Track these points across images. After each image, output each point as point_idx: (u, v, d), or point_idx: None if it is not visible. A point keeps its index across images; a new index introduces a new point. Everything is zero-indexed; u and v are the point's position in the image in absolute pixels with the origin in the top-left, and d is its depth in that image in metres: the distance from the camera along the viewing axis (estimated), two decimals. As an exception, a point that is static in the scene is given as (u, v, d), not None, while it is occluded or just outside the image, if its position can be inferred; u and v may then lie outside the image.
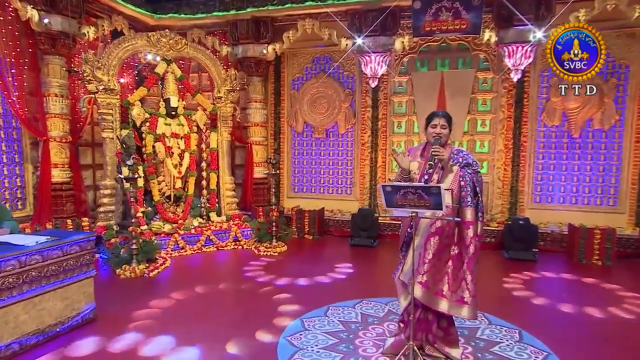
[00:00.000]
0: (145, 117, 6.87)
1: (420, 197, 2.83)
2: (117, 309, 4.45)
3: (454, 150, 3.16)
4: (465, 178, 3.01)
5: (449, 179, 3.04)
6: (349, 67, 8.23)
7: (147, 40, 6.86)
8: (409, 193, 2.85)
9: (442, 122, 3.16)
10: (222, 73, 7.62)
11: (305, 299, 4.65)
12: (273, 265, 6.03)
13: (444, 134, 3.15)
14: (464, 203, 3.00)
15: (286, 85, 8.60)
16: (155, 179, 6.97)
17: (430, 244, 3.02)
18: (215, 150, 7.65)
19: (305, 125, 8.57)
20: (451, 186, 3.00)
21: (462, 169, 3.04)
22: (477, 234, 3.04)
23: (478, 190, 3.04)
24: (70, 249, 3.96)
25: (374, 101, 8.05)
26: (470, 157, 3.11)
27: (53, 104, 6.51)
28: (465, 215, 3.01)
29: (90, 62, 6.36)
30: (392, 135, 8.08)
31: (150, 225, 6.70)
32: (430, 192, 2.78)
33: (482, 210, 3.08)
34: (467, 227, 3.01)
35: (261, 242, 6.88)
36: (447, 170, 3.05)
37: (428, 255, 3.02)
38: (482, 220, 3.07)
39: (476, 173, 3.07)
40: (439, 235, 3.02)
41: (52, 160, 6.55)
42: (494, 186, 7.60)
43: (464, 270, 3.05)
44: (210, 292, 4.97)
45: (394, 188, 2.88)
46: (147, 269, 5.56)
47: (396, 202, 2.93)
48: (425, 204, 2.84)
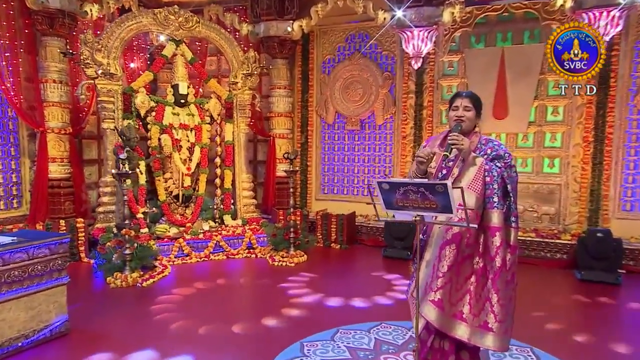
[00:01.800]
0: (151, 106, 6.89)
1: (424, 197, 2.54)
2: (95, 322, 4.38)
3: (482, 139, 2.89)
4: (492, 173, 2.72)
5: (469, 174, 2.76)
6: (389, 45, 7.89)
7: (153, 18, 6.85)
8: (410, 191, 2.58)
9: (465, 102, 2.90)
10: (240, 55, 7.50)
11: (311, 320, 4.35)
12: (284, 277, 5.82)
13: (468, 118, 2.88)
14: (489, 204, 2.72)
15: (315, 69, 8.39)
16: (161, 175, 6.95)
17: (445, 254, 2.76)
18: (230, 144, 7.56)
19: (337, 115, 8.32)
20: (472, 183, 2.72)
21: (489, 162, 2.78)
22: (510, 244, 2.76)
23: (510, 188, 2.75)
24: (37, 252, 3.90)
25: (418, 86, 7.67)
26: (503, 148, 2.85)
27: (51, 91, 6.63)
28: (490, 219, 2.72)
29: (89, 43, 6.43)
30: (439, 127, 7.67)
31: (154, 228, 6.67)
32: (435, 191, 2.49)
33: (515, 214, 2.79)
34: (492, 234, 2.70)
35: (277, 251, 6.67)
36: (467, 164, 2.77)
37: (442, 267, 2.75)
38: (515, 227, 2.79)
39: (509, 167, 2.79)
40: (457, 243, 2.74)
41: (50, 153, 6.67)
42: (568, 190, 6.97)
43: (489, 289, 2.74)
44: (201, 307, 4.79)
45: (391, 185, 2.63)
46: (140, 278, 5.49)
47: (396, 202, 2.66)
48: (432, 206, 2.55)
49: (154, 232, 6.60)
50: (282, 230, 6.69)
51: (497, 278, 2.71)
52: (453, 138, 2.75)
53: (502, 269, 2.70)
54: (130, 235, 5.57)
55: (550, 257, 6.61)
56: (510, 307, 2.81)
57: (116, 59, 6.66)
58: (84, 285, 5.57)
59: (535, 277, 5.97)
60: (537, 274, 6.13)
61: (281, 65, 8.13)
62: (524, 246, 6.66)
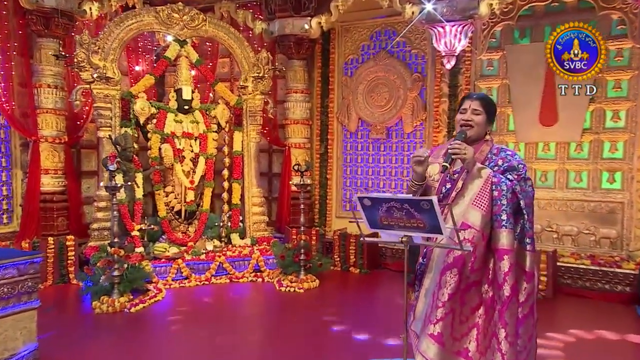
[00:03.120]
0: (151, 113, 6.93)
1: (410, 215, 2.51)
2: (68, 352, 4.32)
3: (493, 148, 2.86)
4: (501, 187, 2.65)
5: (474, 187, 2.70)
6: (419, 43, 7.70)
7: (155, 17, 6.91)
8: (393, 209, 2.56)
9: (474, 105, 2.85)
10: (251, 56, 7.47)
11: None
12: (289, 305, 5.67)
13: (477, 123, 2.84)
14: (497, 223, 2.64)
15: (336, 71, 8.29)
16: (162, 189, 6.95)
17: (445, 280, 2.68)
18: (239, 154, 7.52)
19: (360, 122, 8.18)
20: (477, 198, 2.67)
21: (498, 174, 2.72)
22: (526, 270, 2.70)
23: (523, 204, 2.67)
24: (4, 273, 3.87)
25: (452, 88, 7.42)
26: (517, 158, 2.80)
27: (45, 96, 6.73)
28: (497, 240, 2.64)
29: (85, 44, 6.51)
30: (476, 135, 7.33)
31: (152, 247, 6.65)
32: (421, 208, 2.46)
33: (530, 234, 2.70)
34: (500, 257, 2.62)
35: (286, 275, 6.52)
36: (472, 176, 2.71)
37: (443, 296, 2.67)
38: (531, 249, 2.71)
39: (524, 181, 2.74)
40: (459, 268, 2.66)
41: (43, 164, 6.76)
42: (632, 209, 6.55)
43: (495, 322, 2.65)
44: (190, 338, 4.67)
45: (373, 200, 2.62)
46: (129, 303, 5.44)
47: (380, 220, 2.64)
48: (419, 225, 2.52)
49: (152, 252, 6.57)
50: (292, 251, 6.54)
51: (505, 309, 2.60)
52: (455, 146, 2.68)
53: (512, 298, 2.61)
54: (119, 255, 5.53)
55: (608, 289, 6.17)
56: (527, 345, 2.69)
57: (114, 62, 6.72)
58: (67, 310, 5.57)
59: (589, 314, 5.62)
60: (592, 309, 5.77)
61: (298, 66, 8.06)
62: (576, 275, 6.30)
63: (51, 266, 6.31)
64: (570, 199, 6.85)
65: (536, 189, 6.63)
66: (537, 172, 7.02)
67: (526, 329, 2.69)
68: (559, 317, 5.61)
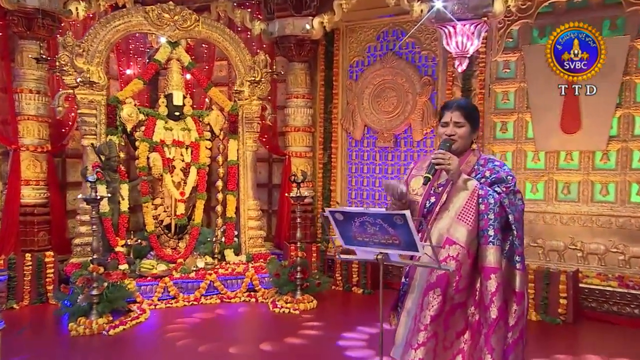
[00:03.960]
0: (140, 120, 6.88)
1: (384, 230, 2.53)
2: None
3: (480, 159, 2.87)
4: (488, 200, 2.65)
5: (459, 200, 2.71)
6: (429, 43, 7.58)
7: (144, 17, 6.87)
8: (367, 223, 2.58)
9: (455, 116, 2.84)
10: (247, 59, 7.41)
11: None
12: (281, 328, 5.60)
13: (460, 136, 2.84)
14: (483, 239, 2.65)
15: (341, 74, 8.19)
16: (150, 201, 6.89)
17: (428, 301, 2.67)
18: (234, 164, 7.44)
19: (366, 129, 8.08)
20: (462, 212, 2.67)
21: (485, 186, 2.73)
22: (516, 291, 2.70)
23: (512, 219, 2.66)
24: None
25: (465, 93, 7.26)
26: (505, 170, 2.81)
27: (27, 102, 6.69)
28: (484, 257, 2.65)
29: (68, 47, 6.48)
30: (492, 143, 7.22)
31: (139, 264, 6.56)
32: (394, 223, 2.47)
33: (519, 252, 2.69)
34: (486, 276, 2.64)
35: (282, 294, 6.40)
36: (457, 188, 2.73)
37: (425, 318, 2.65)
38: (521, 268, 2.70)
39: (513, 194, 2.74)
40: (442, 288, 2.65)
41: (23, 175, 6.70)
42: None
43: (481, 347, 2.64)
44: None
45: (346, 215, 2.65)
46: (108, 324, 5.35)
47: (354, 236, 2.68)
48: (394, 242, 2.55)
49: (138, 269, 6.48)
50: (288, 269, 6.42)
51: (491, 333, 2.59)
52: (438, 156, 2.68)
53: (500, 322, 2.60)
54: (98, 273, 5.45)
55: (638, 314, 5.95)
56: None
57: (100, 65, 6.68)
58: (42, 332, 5.50)
59: (614, 341, 5.42)
60: (618, 336, 5.56)
61: (299, 70, 7.97)
62: (602, 298, 6.05)
63: (28, 285, 6.22)
64: (596, 214, 6.62)
65: (558, 202, 6.65)
66: (558, 184, 6.82)
67: (516, 355, 2.67)
68: (579, 344, 5.42)
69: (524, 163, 7.04)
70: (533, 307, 6.05)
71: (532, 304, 6.06)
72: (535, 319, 5.98)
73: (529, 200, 6.94)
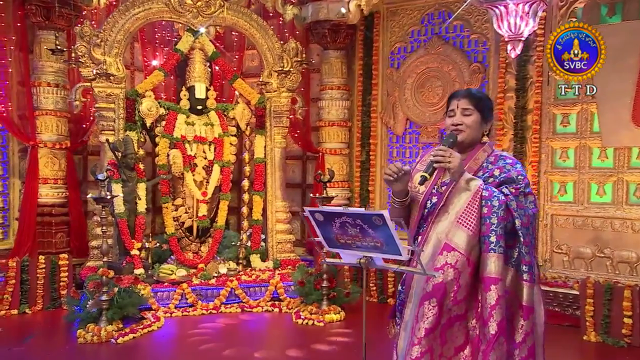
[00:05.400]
0: (160, 114, 7.05)
1: (364, 232, 2.53)
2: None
3: (491, 155, 2.85)
4: (492, 203, 2.62)
5: (460, 202, 2.69)
6: (479, 26, 7.39)
7: (165, 4, 7.02)
8: (347, 224, 2.57)
9: (463, 104, 2.82)
10: (276, 47, 7.49)
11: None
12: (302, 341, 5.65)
13: (469, 125, 2.81)
14: (485, 245, 2.62)
15: (381, 62, 8.09)
16: (170, 202, 7.05)
17: (423, 312, 2.64)
18: (261, 162, 7.52)
19: (409, 123, 7.97)
20: (463, 215, 2.66)
21: (491, 187, 2.70)
22: (523, 304, 2.67)
23: (518, 224, 2.63)
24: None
25: (519, 81, 7.08)
26: (517, 169, 2.77)
27: (45, 96, 6.97)
28: (485, 266, 2.62)
29: (86, 37, 6.74)
30: (550, 138, 6.97)
31: (158, 269, 6.76)
32: (374, 224, 2.47)
33: (527, 261, 2.66)
34: (486, 287, 2.60)
35: (307, 304, 6.43)
36: (458, 189, 2.70)
37: (419, 331, 2.64)
38: (529, 279, 2.67)
39: (523, 196, 2.71)
40: (438, 298, 2.61)
41: (41, 173, 6.99)
42: None
43: None
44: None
45: (326, 215, 2.64)
46: (117, 332, 5.52)
47: (336, 238, 2.67)
48: (376, 245, 2.55)
49: (157, 274, 6.67)
50: (314, 277, 6.45)
51: (489, 350, 2.55)
52: (438, 153, 2.64)
53: (500, 338, 2.56)
54: (108, 277, 5.65)
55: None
56: None
57: (119, 56, 6.87)
58: (50, 339, 5.73)
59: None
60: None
61: (334, 58, 7.97)
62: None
63: (41, 289, 6.46)
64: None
65: (630, 206, 6.39)
66: (630, 185, 6.49)
67: None
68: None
69: (589, 161, 6.75)
70: (593, 326, 5.82)
71: (592, 323, 5.82)
72: (594, 339, 5.74)
73: (594, 204, 6.71)
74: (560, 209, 6.95)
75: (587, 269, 6.65)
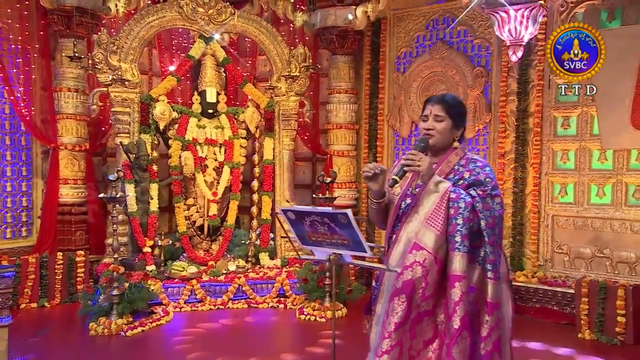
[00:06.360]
0: (173, 118, 7.17)
1: (332, 230, 2.68)
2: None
3: (463, 158, 2.88)
4: (459, 204, 2.68)
5: (428, 204, 2.74)
6: (482, 31, 7.39)
7: (178, 12, 7.16)
8: (316, 222, 2.72)
9: (436, 110, 2.85)
10: (285, 53, 7.56)
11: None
12: (305, 336, 5.67)
13: (439, 131, 2.85)
14: (451, 245, 2.69)
15: (387, 66, 8.14)
16: (182, 201, 7.17)
17: (393, 307, 2.68)
18: (270, 164, 7.60)
19: (414, 126, 7.95)
20: (431, 216, 2.71)
21: (459, 189, 2.75)
22: (487, 301, 2.71)
23: (484, 225, 2.67)
24: (-34, 288, 4.17)
25: (521, 85, 7.07)
26: (486, 171, 2.80)
27: (65, 101, 7.19)
28: (450, 264, 2.67)
29: (103, 44, 6.89)
30: (552, 141, 6.95)
31: (170, 265, 6.87)
32: (340, 223, 2.61)
33: (492, 260, 2.70)
34: (451, 284, 2.66)
35: (310, 301, 6.48)
36: (428, 190, 2.75)
37: (389, 325, 2.68)
38: (494, 277, 2.70)
39: (490, 197, 2.74)
40: (407, 294, 2.66)
41: (61, 174, 7.21)
42: None
43: (442, 359, 2.67)
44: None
45: (297, 214, 2.80)
46: (127, 326, 5.64)
47: (308, 236, 2.83)
48: (343, 242, 2.70)
49: (169, 271, 6.78)
50: (317, 274, 6.49)
51: (453, 344, 2.61)
52: (408, 157, 2.71)
53: (463, 332, 2.61)
54: (118, 273, 5.77)
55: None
56: None
57: (134, 62, 7.03)
58: (63, 331, 5.88)
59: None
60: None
61: (342, 63, 8.03)
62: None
63: (59, 283, 6.66)
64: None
65: (629, 207, 6.32)
66: (629, 187, 6.44)
67: None
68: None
69: (589, 163, 6.71)
70: (587, 324, 5.78)
71: (587, 321, 5.78)
72: (589, 337, 5.71)
73: (593, 205, 6.67)
74: (561, 210, 6.91)
75: (587, 269, 6.61)
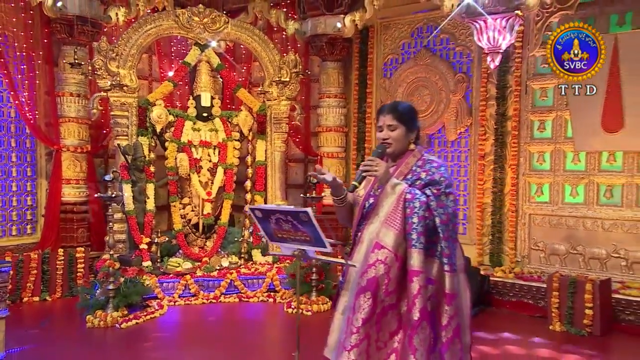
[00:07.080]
0: (169, 121, 7.37)
1: (295, 227, 2.80)
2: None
3: (420, 159, 2.97)
4: (414, 204, 2.78)
5: (387, 205, 2.86)
6: (464, 39, 7.60)
7: (174, 21, 7.37)
8: (280, 220, 2.86)
9: (388, 119, 2.95)
10: (276, 59, 7.74)
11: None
12: (287, 328, 5.75)
13: (395, 139, 2.95)
14: (408, 242, 2.79)
15: (375, 72, 8.37)
16: (177, 200, 7.36)
17: (359, 304, 2.78)
18: (262, 165, 7.78)
19: (401, 129, 8.08)
20: (390, 217, 2.83)
21: (414, 190, 2.84)
22: (445, 292, 2.81)
23: (438, 222, 2.78)
24: (-34, 282, 4.38)
25: (500, 90, 7.27)
26: (441, 171, 2.90)
27: (68, 105, 7.43)
28: (409, 260, 2.78)
29: (103, 51, 7.10)
30: (528, 143, 7.15)
31: (166, 261, 7.07)
32: (302, 220, 2.74)
33: (447, 254, 2.81)
34: (410, 279, 2.76)
35: (299, 295, 6.64)
36: (386, 192, 2.87)
37: (357, 321, 2.77)
38: (450, 270, 2.81)
39: (444, 195, 2.84)
40: (372, 291, 2.77)
41: (64, 174, 7.45)
42: None
43: (405, 348, 2.75)
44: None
45: (264, 212, 2.95)
46: (122, 318, 5.84)
47: (275, 233, 2.96)
48: (305, 238, 2.83)
49: (165, 267, 6.98)
50: (304, 270, 6.66)
51: (414, 334, 2.71)
52: (367, 163, 2.83)
53: (422, 322, 2.71)
54: (113, 268, 5.97)
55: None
56: None
57: (132, 68, 7.25)
58: (62, 324, 6.11)
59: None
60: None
61: (331, 69, 8.25)
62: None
63: (60, 278, 6.89)
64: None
65: (600, 206, 6.55)
66: (600, 186, 6.64)
67: (453, 352, 2.79)
68: (595, 358, 5.27)
69: (563, 164, 6.92)
70: (558, 317, 5.96)
71: (557, 314, 5.97)
72: (559, 329, 5.90)
73: (567, 204, 6.86)
74: (537, 209, 7.09)
75: (562, 264, 6.80)
